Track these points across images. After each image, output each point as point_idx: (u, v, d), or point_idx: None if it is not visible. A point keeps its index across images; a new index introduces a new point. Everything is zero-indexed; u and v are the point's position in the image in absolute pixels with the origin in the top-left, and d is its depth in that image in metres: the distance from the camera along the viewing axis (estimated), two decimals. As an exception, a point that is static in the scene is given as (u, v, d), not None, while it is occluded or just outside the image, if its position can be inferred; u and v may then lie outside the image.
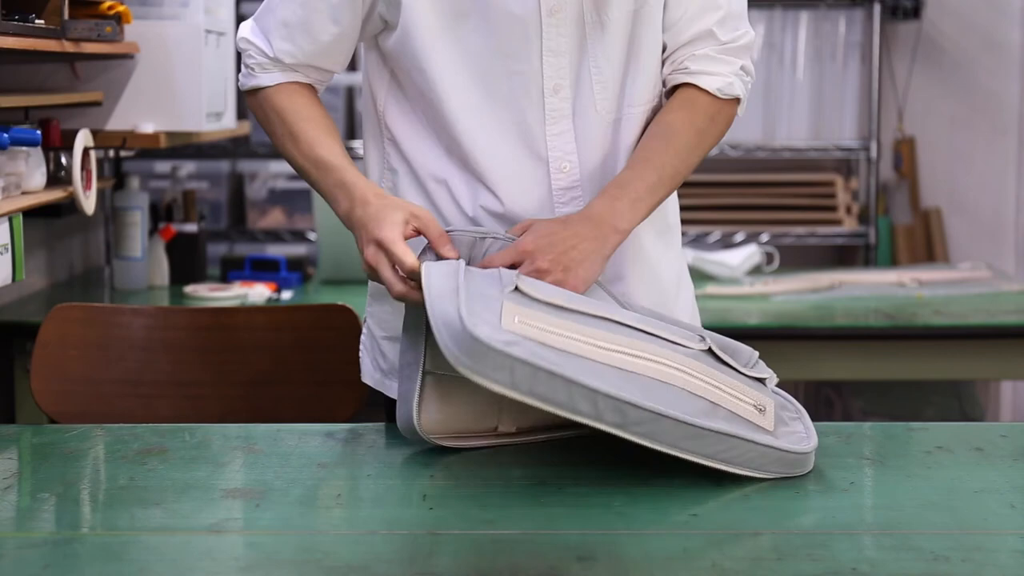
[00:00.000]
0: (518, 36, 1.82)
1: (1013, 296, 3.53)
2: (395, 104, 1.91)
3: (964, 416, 4.13)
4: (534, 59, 1.84)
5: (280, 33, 1.88)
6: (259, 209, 4.41)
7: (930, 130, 4.71)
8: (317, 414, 2.18)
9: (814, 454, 1.66)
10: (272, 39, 1.88)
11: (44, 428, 1.93)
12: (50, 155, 2.63)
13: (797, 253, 4.53)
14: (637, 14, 1.86)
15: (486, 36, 1.82)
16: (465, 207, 1.88)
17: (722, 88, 1.89)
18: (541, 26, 1.82)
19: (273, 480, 1.64)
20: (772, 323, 3.23)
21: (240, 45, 1.92)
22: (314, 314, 2.32)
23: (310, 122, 1.88)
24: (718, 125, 1.91)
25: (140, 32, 2.94)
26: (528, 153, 1.87)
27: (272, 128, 1.91)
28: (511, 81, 1.84)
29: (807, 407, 1.83)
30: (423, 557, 1.40)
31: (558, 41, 1.83)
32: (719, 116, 1.91)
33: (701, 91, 1.89)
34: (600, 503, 1.55)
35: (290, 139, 1.87)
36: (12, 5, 2.35)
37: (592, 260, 1.77)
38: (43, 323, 2.28)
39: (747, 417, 1.62)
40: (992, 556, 1.40)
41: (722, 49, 1.89)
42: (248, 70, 1.92)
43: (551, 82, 1.85)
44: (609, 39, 1.86)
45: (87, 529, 1.52)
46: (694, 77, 1.89)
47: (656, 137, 1.87)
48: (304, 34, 1.87)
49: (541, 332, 1.55)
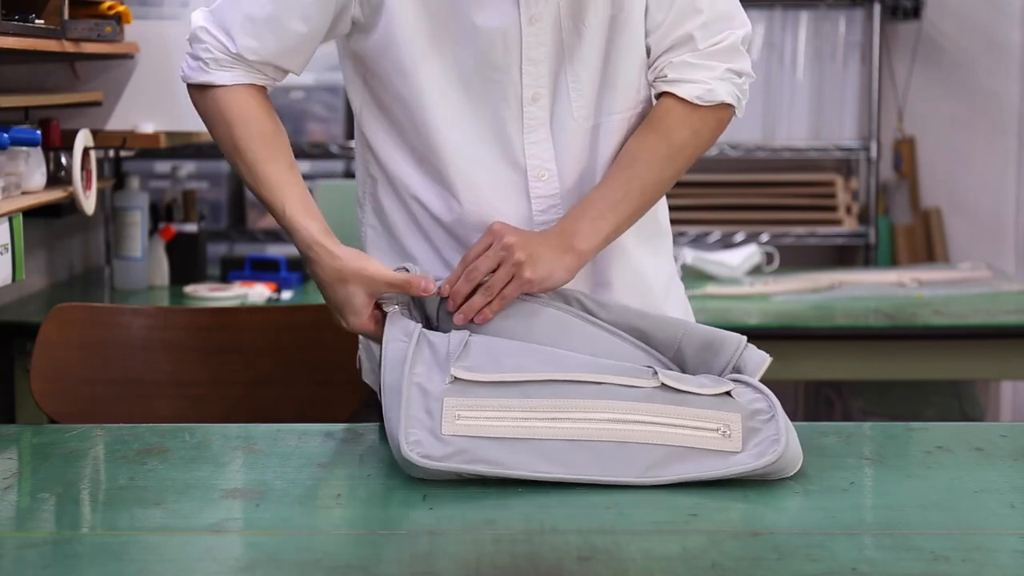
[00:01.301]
0: (499, 46, 1.81)
1: (1013, 296, 3.53)
2: (369, 112, 1.89)
3: (964, 416, 4.13)
4: (513, 68, 1.82)
5: (245, 28, 1.81)
6: (259, 209, 4.41)
7: (930, 130, 4.71)
8: (317, 414, 2.18)
9: (797, 450, 1.63)
10: (235, 34, 1.81)
11: (44, 428, 1.93)
12: (50, 155, 2.63)
13: (797, 253, 4.53)
14: (614, 20, 1.84)
15: (467, 46, 1.81)
16: (442, 218, 1.88)
17: (701, 96, 1.85)
18: (521, 36, 1.81)
19: (273, 480, 1.64)
20: (772, 323, 3.23)
21: (196, 35, 1.84)
22: (314, 314, 2.31)
23: (258, 140, 1.82)
24: (702, 134, 1.87)
25: (140, 32, 2.94)
26: (507, 162, 1.86)
27: (217, 132, 1.85)
28: (491, 90, 1.83)
29: (807, 407, 1.82)
30: (423, 557, 1.40)
31: (538, 50, 1.82)
32: (702, 124, 1.87)
33: (680, 100, 1.86)
34: (600, 503, 1.55)
35: (235, 152, 1.83)
36: (12, 5, 2.35)
37: (555, 271, 1.79)
38: (43, 323, 2.27)
39: (711, 447, 1.61)
40: (992, 556, 1.40)
41: (702, 55, 1.85)
42: (200, 64, 1.83)
43: (530, 91, 1.83)
44: (586, 46, 1.84)
45: (87, 529, 1.52)
46: (672, 86, 1.86)
47: (626, 153, 1.86)
48: (270, 31, 1.81)
49: (485, 425, 1.60)
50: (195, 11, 1.87)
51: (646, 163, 1.84)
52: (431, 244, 1.90)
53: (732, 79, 1.87)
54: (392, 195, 1.91)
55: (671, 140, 1.85)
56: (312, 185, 3.85)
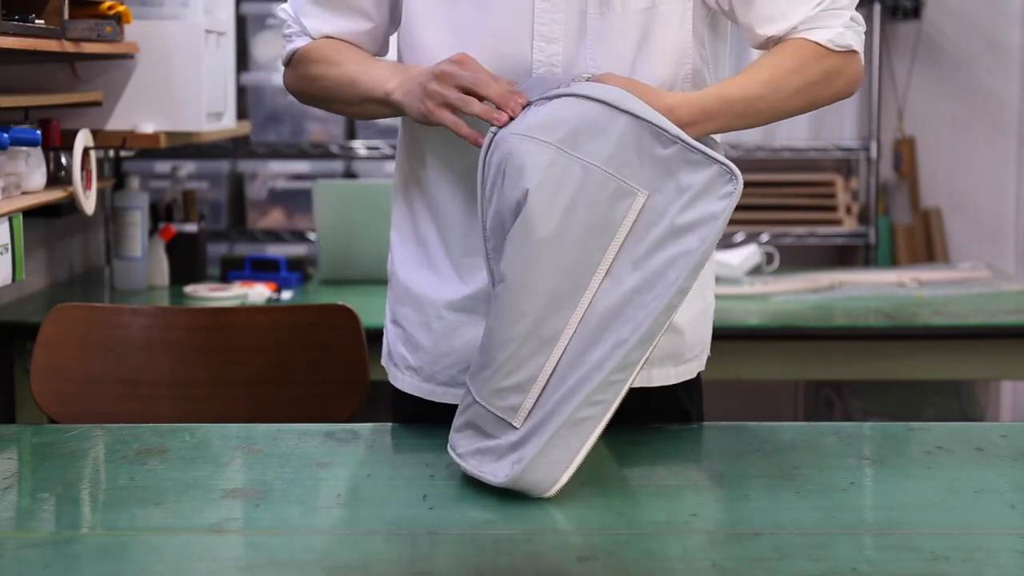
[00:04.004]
0: (509, 18, 1.80)
1: (1013, 296, 3.53)
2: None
3: (964, 416, 4.13)
4: (524, 42, 1.80)
5: (310, 11, 1.91)
6: (259, 209, 4.41)
7: (930, 130, 4.71)
8: (317, 414, 2.18)
9: None
10: (303, 16, 1.92)
11: (44, 428, 1.93)
12: (50, 155, 2.63)
13: (797, 253, 4.53)
14: (651, 13, 1.80)
15: (478, 16, 1.80)
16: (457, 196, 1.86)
17: (833, 39, 1.79)
18: (533, 11, 1.79)
19: (273, 480, 1.64)
20: (772, 323, 3.23)
21: (281, 21, 1.96)
22: (314, 314, 2.31)
23: (353, 49, 1.90)
24: (833, 81, 1.80)
25: (140, 32, 2.94)
26: None
27: (313, 72, 1.90)
28: (499, 63, 1.79)
29: (807, 407, 1.82)
30: (423, 557, 1.40)
31: (551, 27, 1.80)
32: (834, 68, 1.80)
33: (812, 43, 1.79)
34: (600, 503, 1.55)
35: (333, 66, 1.88)
36: (12, 5, 2.34)
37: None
38: (43, 323, 2.28)
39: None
40: (992, 556, 1.40)
41: (822, 12, 1.80)
42: (287, 40, 1.94)
43: (541, 67, 1.80)
44: (614, 34, 1.80)
45: (87, 529, 1.52)
46: (800, 33, 1.80)
47: (758, 70, 1.78)
48: (332, 12, 1.89)
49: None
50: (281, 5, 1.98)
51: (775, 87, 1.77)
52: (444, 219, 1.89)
53: (854, 27, 1.82)
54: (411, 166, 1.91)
55: (805, 74, 1.79)
56: (312, 185, 3.86)
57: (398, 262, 1.94)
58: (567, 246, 1.58)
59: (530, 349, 1.58)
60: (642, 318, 1.56)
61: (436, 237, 1.89)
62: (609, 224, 1.59)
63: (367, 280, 3.44)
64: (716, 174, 1.59)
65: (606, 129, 1.61)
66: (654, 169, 1.60)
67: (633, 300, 1.57)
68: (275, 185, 4.42)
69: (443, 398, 1.88)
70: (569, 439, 1.55)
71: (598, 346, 1.57)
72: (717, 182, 1.59)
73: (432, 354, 1.89)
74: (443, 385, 1.89)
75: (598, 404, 1.55)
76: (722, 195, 1.58)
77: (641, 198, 1.59)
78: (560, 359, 1.58)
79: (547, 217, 1.58)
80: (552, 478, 1.55)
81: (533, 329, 1.58)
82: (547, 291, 1.58)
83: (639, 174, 1.60)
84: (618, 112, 1.62)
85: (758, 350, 3.25)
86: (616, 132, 1.61)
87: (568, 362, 1.57)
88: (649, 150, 1.60)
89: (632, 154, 1.60)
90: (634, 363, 1.56)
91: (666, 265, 1.57)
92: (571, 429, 1.55)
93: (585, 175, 1.60)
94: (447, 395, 1.87)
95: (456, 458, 1.63)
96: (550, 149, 1.61)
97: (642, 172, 1.60)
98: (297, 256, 3.64)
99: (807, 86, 1.79)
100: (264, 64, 4.34)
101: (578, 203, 1.59)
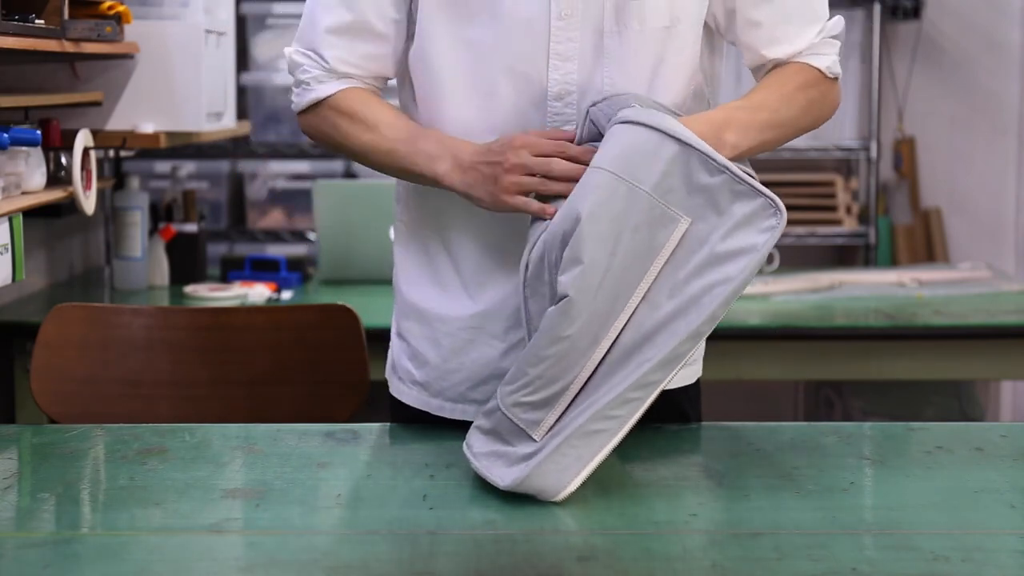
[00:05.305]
0: (524, 36, 1.78)
1: (1013, 296, 3.53)
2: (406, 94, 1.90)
3: (964, 416, 4.13)
4: (540, 61, 1.79)
5: (329, 42, 1.84)
6: (259, 209, 4.41)
7: (930, 130, 4.71)
8: (317, 414, 2.18)
9: None
10: (322, 50, 1.84)
11: (44, 428, 1.93)
12: (50, 155, 2.63)
13: (797, 253, 4.53)
14: (669, 32, 1.79)
15: (493, 34, 1.79)
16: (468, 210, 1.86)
17: (830, 67, 1.83)
18: (550, 29, 1.78)
19: (273, 480, 1.64)
20: (772, 323, 3.23)
21: (292, 63, 1.88)
22: (314, 314, 2.31)
23: (386, 108, 1.85)
24: (824, 106, 1.85)
25: (140, 32, 2.94)
26: None
27: (342, 128, 1.85)
28: (515, 82, 1.79)
29: (807, 407, 1.82)
30: (423, 557, 1.40)
31: (567, 46, 1.79)
32: (826, 96, 1.84)
33: (812, 67, 1.83)
34: (600, 503, 1.55)
35: (367, 129, 1.83)
36: (12, 5, 2.35)
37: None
38: (43, 323, 2.28)
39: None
40: (992, 556, 1.40)
41: (822, 41, 1.83)
42: (303, 86, 1.87)
43: (556, 87, 1.79)
44: (630, 53, 1.79)
45: (87, 529, 1.52)
46: (804, 58, 1.83)
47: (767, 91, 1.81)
48: (353, 37, 1.83)
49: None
50: (286, 47, 1.91)
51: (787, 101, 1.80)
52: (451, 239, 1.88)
53: (838, 59, 1.86)
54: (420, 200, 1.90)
55: (808, 94, 1.82)
56: (312, 185, 3.86)
57: (402, 277, 1.93)
58: (612, 271, 1.59)
59: (560, 369, 1.58)
60: (668, 340, 1.57)
61: (444, 254, 1.88)
62: (650, 250, 1.60)
63: (367, 280, 3.45)
64: (760, 207, 1.61)
65: (655, 155, 1.61)
66: (698, 196, 1.61)
67: (667, 327, 1.58)
68: (275, 185, 4.42)
69: (451, 414, 1.88)
70: (580, 448, 1.55)
71: (625, 367, 1.58)
72: (760, 215, 1.60)
73: (440, 370, 1.89)
74: (451, 401, 1.88)
75: (613, 419, 1.55)
76: (764, 228, 1.60)
77: (684, 225, 1.60)
78: (588, 380, 1.59)
79: (596, 242, 1.59)
80: (560, 484, 1.55)
81: (569, 350, 1.58)
82: (587, 314, 1.58)
83: (683, 201, 1.61)
84: (667, 138, 1.62)
85: (758, 350, 3.25)
86: (664, 158, 1.61)
87: (595, 383, 1.58)
88: (695, 178, 1.61)
89: (679, 181, 1.61)
90: (654, 383, 1.56)
91: (702, 292, 1.58)
92: (582, 439, 1.55)
93: (633, 200, 1.60)
94: (455, 411, 1.88)
95: (469, 455, 1.64)
96: (602, 174, 1.62)
97: (686, 199, 1.61)
98: (297, 256, 3.64)
99: (810, 104, 1.82)
100: (264, 64, 4.34)
101: (624, 227, 1.59)
